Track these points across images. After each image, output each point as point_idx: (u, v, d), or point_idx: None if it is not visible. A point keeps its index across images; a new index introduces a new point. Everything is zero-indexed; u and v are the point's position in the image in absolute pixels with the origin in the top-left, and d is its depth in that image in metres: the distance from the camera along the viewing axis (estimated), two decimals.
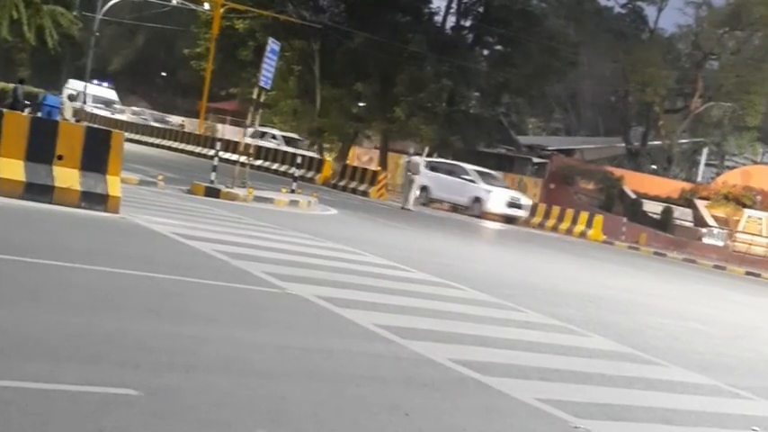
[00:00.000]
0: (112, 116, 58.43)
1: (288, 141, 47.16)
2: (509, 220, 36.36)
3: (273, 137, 47.84)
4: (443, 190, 37.54)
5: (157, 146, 48.24)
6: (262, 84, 23.76)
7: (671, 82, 51.60)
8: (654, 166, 57.05)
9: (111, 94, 66.39)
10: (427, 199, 37.82)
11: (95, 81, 66.61)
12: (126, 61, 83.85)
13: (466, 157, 49.69)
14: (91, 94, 62.64)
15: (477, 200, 36.12)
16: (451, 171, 38.01)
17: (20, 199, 13.01)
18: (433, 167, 38.41)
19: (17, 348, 5.98)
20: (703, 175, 59.09)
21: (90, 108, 58.70)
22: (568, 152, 55.69)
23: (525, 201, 37.78)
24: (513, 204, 36.50)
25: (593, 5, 62.15)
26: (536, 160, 52.15)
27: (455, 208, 37.56)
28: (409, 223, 26.15)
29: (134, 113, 65.11)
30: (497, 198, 36.14)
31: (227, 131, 61.78)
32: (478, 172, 37.79)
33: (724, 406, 8.54)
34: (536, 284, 15.87)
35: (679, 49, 61.35)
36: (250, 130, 47.82)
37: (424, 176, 36.82)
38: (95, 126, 25.56)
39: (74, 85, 65.39)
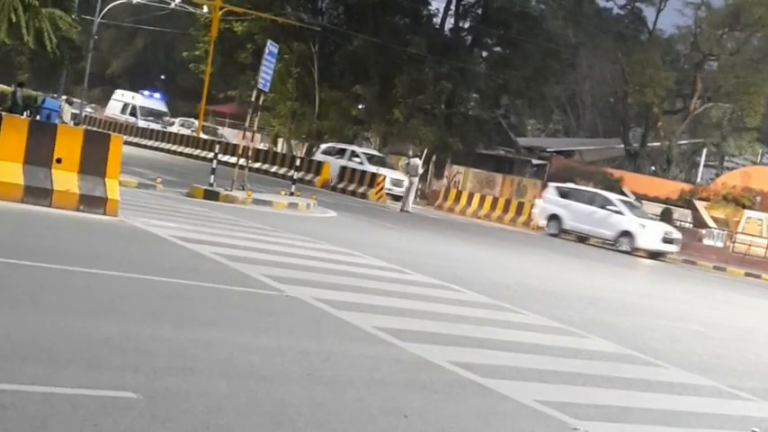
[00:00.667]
0: (165, 130, 54.29)
1: (370, 158, 42.23)
2: (654, 255, 32.23)
3: (355, 155, 42.18)
4: (580, 220, 33.59)
5: (155, 149, 48.21)
6: (260, 86, 23.78)
7: (670, 83, 51.55)
8: (653, 168, 57.00)
9: (162, 106, 62.72)
10: (559, 229, 34.13)
11: (144, 91, 63.62)
12: (125, 64, 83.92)
13: (465, 159, 49.76)
14: (139, 106, 60.37)
15: (627, 234, 31.99)
16: (590, 199, 34.06)
17: (19, 202, 13.02)
18: (563, 194, 35.05)
19: (16, 352, 5.98)
20: (703, 176, 59.08)
21: (141, 123, 56.12)
22: (568, 153, 55.67)
23: (677, 234, 33.45)
24: (667, 239, 32.36)
25: (592, 7, 62.09)
26: (535, 162, 52.14)
27: (582, 238, 33.92)
28: (408, 226, 26.15)
29: (182, 125, 61.84)
30: (652, 233, 32.15)
31: (225, 134, 61.51)
32: (623, 201, 34.18)
33: (724, 407, 8.53)
34: (535, 286, 15.87)
35: (678, 50, 61.38)
36: (323, 147, 46.01)
37: (554, 204, 34.28)
38: (94, 129, 25.51)
39: (121, 96, 63.14)
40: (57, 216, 12.91)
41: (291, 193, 26.13)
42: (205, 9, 54.88)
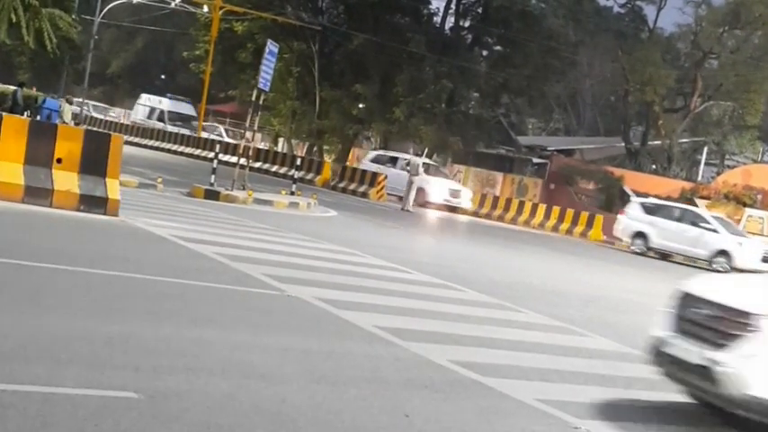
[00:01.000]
0: (196, 135, 51.24)
1: (425, 168, 38.47)
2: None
3: (408, 164, 37.82)
4: (669, 238, 31.72)
5: (156, 148, 48.20)
6: (261, 86, 23.77)
7: (670, 81, 51.48)
8: (654, 166, 56.96)
9: (190, 110, 59.73)
10: (646, 247, 32.29)
11: (169, 95, 61.77)
12: (125, 64, 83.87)
13: (465, 158, 49.76)
14: (166, 111, 58.31)
15: (723, 253, 30.23)
16: (679, 216, 32.22)
17: (19, 202, 13.02)
18: (649, 210, 33.26)
19: (17, 352, 5.98)
20: (703, 174, 59.01)
21: (170, 128, 53.75)
22: (568, 152, 55.63)
23: None
24: (766, 258, 30.31)
25: (593, 5, 62.10)
26: (536, 161, 52.11)
27: (665, 255, 32.05)
28: (409, 225, 26.15)
29: (205, 129, 57.86)
30: (750, 251, 30.37)
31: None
32: (717, 218, 32.35)
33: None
34: (536, 285, 15.87)
35: (678, 49, 61.31)
36: (372, 154, 43.09)
37: (639, 221, 32.66)
38: (94, 129, 25.54)
39: (147, 101, 60.63)
40: (57, 216, 12.91)
41: (292, 193, 26.12)
42: (205, 9, 54.89)
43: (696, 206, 40.45)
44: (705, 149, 59.34)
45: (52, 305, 7.57)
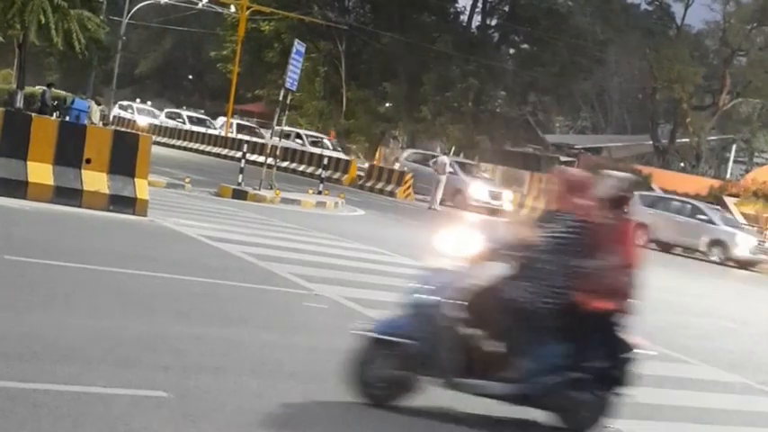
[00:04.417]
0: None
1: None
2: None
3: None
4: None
5: (184, 149, 48.38)
6: (288, 85, 23.79)
7: (699, 78, 51.16)
8: (682, 164, 56.66)
9: None
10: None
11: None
12: (153, 64, 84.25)
13: (493, 157, 49.65)
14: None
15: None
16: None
17: (49, 203, 13.10)
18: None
19: (49, 351, 6.03)
20: (732, 172, 58.66)
21: None
22: (596, 150, 55.40)
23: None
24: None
25: (620, 3, 61.83)
26: (564, 159, 51.91)
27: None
28: (436, 224, 26.12)
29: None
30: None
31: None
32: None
33: (755, 404, 8.49)
34: None
35: (707, 46, 60.95)
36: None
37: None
38: (122, 130, 25.66)
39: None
40: (87, 216, 12.98)
41: (319, 192, 26.13)
42: (232, 9, 55.08)
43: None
44: (734, 147, 58.99)
45: (82, 305, 7.62)
